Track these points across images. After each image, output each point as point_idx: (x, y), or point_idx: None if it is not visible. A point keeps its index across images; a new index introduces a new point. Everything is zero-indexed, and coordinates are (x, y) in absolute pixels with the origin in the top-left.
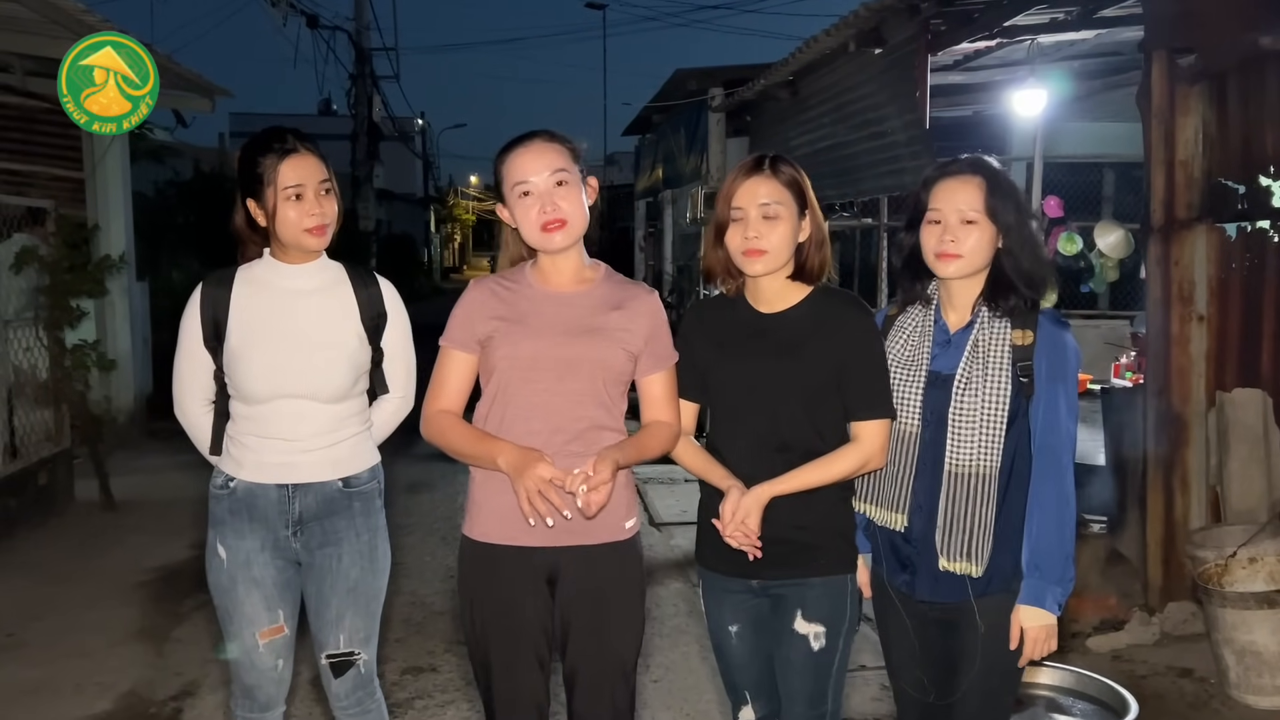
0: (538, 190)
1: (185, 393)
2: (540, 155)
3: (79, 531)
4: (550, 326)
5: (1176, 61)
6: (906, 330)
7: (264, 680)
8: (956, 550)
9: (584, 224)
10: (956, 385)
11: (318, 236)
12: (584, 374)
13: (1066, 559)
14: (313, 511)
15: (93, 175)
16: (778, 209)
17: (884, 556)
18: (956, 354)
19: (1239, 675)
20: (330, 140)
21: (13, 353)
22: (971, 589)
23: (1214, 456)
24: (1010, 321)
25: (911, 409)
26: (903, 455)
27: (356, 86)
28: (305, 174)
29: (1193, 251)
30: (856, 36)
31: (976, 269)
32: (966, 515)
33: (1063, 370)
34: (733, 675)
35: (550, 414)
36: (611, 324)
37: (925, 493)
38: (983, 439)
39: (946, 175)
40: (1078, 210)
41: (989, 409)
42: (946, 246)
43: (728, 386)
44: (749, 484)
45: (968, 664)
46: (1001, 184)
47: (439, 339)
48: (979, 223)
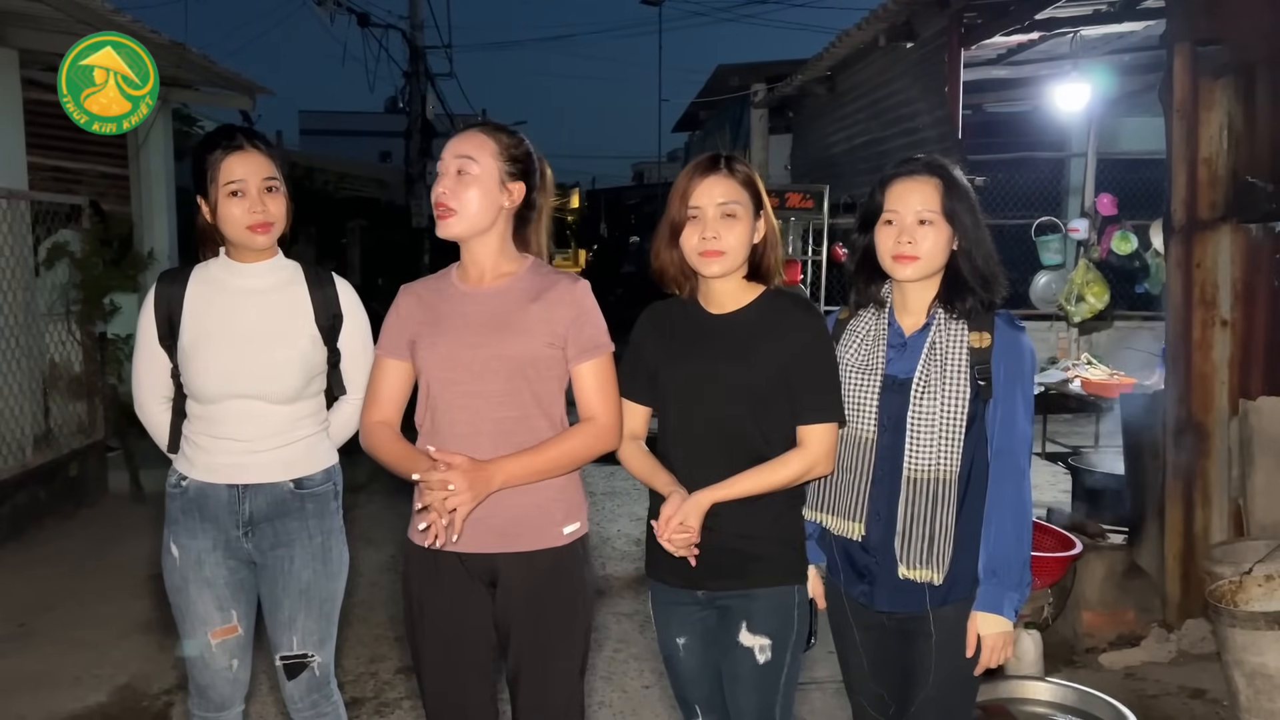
0: (442, 170)
1: (143, 390)
2: (457, 141)
3: (106, 523)
4: (464, 326)
5: (1201, 54)
6: (859, 334)
7: (217, 680)
8: (916, 558)
9: (475, 217)
10: (915, 389)
11: (260, 234)
12: (501, 372)
13: (1024, 564)
14: (263, 512)
15: (135, 172)
16: (735, 208)
17: (840, 567)
18: (913, 358)
19: (1249, 699)
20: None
21: (49, 346)
22: (931, 597)
23: (1236, 468)
24: (967, 324)
25: (867, 415)
26: (859, 462)
27: (410, 84)
28: (247, 171)
29: (1216, 253)
30: (887, 31)
31: (933, 270)
32: (926, 522)
33: (1020, 372)
34: (682, 689)
35: (472, 415)
36: (529, 317)
37: (883, 500)
38: (942, 443)
39: (902, 176)
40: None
41: (948, 413)
42: (904, 248)
43: (674, 388)
44: (693, 489)
45: (924, 674)
46: (958, 185)
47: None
48: (935, 224)
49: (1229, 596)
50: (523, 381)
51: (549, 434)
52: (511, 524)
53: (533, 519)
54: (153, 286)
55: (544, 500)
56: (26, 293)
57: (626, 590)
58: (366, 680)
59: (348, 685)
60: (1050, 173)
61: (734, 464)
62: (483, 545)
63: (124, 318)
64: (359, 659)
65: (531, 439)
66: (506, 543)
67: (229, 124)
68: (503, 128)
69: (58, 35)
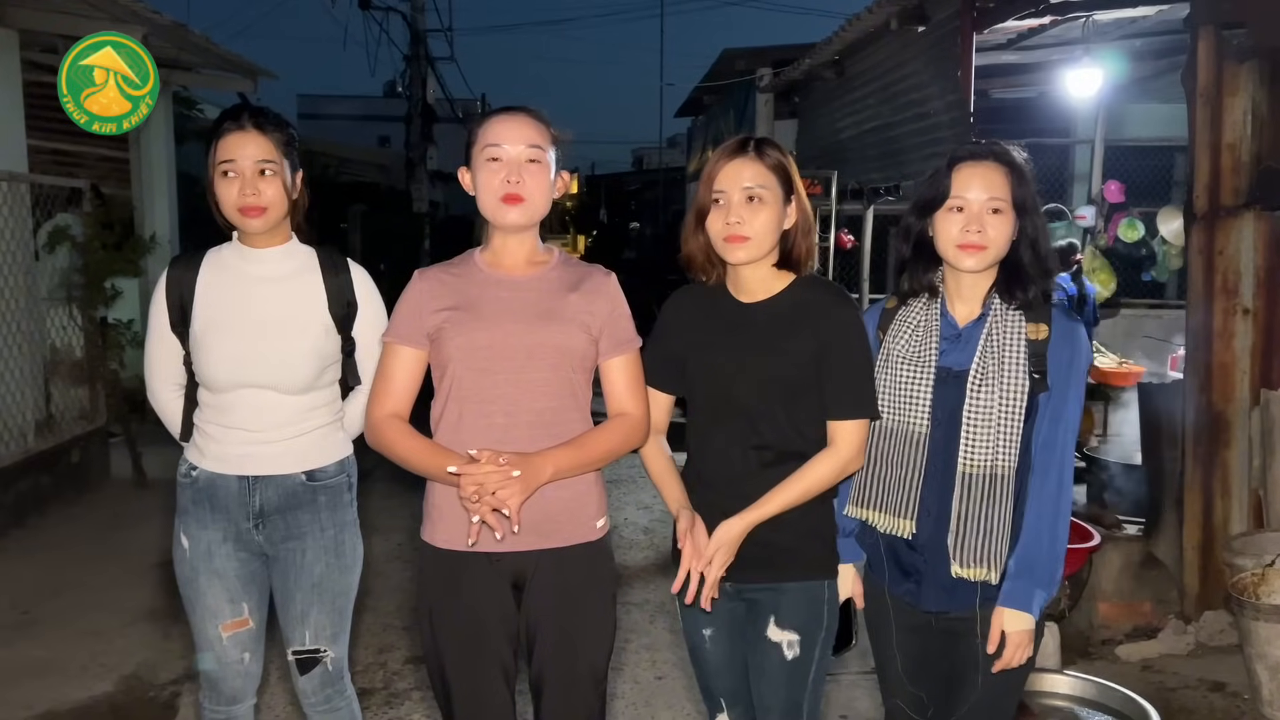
0: (507, 158)
1: (155, 377)
2: (520, 126)
3: (109, 509)
4: (505, 313)
5: (1225, 37)
6: (910, 324)
7: (228, 673)
8: (971, 555)
9: (544, 208)
10: (971, 382)
11: (251, 217)
12: (546, 362)
13: (1057, 560)
14: (274, 504)
15: (136, 155)
16: (761, 193)
17: (884, 564)
18: (968, 349)
19: (1272, 692)
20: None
21: (50, 331)
22: (980, 596)
23: (1257, 458)
24: (1024, 315)
25: (921, 408)
26: (910, 457)
27: (411, 68)
28: (240, 151)
29: (1239, 241)
30: (899, 14)
31: (999, 260)
32: (982, 518)
33: (1076, 365)
34: (708, 681)
35: (510, 406)
36: (570, 306)
37: (935, 497)
38: (999, 438)
39: (971, 160)
40: (1146, 195)
41: (1006, 406)
42: (972, 237)
43: (705, 380)
44: (723, 484)
45: (972, 675)
46: (1024, 173)
47: (382, 335)
48: (1005, 212)
49: (1252, 589)
50: (564, 372)
51: (581, 427)
52: (547, 520)
53: (571, 513)
54: (165, 271)
55: (578, 494)
56: (27, 277)
57: (636, 579)
58: (376, 670)
59: (357, 676)
60: (1056, 159)
61: (763, 454)
62: (516, 543)
63: (125, 302)
64: (368, 649)
65: (567, 432)
66: (541, 539)
67: (242, 103)
68: (537, 111)
69: (58, 15)
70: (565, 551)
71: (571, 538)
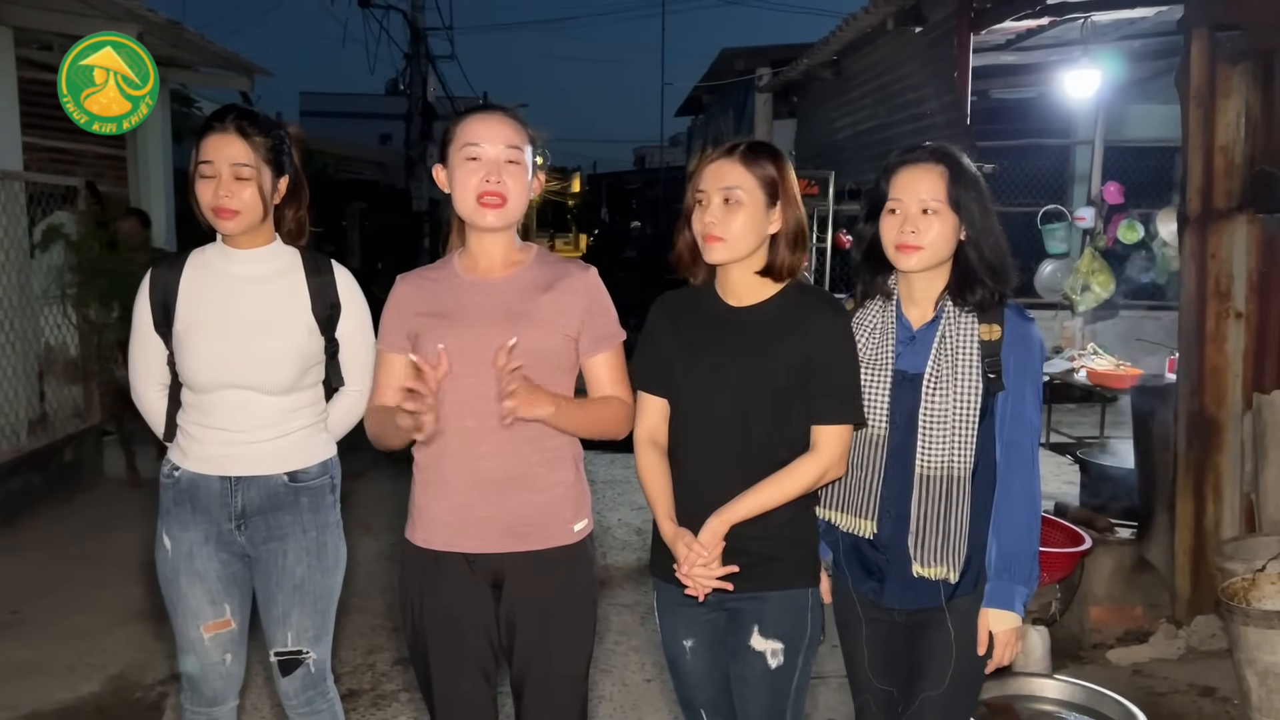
0: (486, 158)
1: (139, 377)
2: (499, 126)
3: (101, 508)
4: (477, 317)
5: (1218, 39)
6: (866, 328)
7: (210, 675)
8: (931, 555)
9: (522, 209)
10: (926, 385)
11: (224, 219)
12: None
13: (1033, 558)
14: (256, 505)
15: (133, 153)
16: (739, 195)
17: (847, 563)
18: (923, 352)
19: (1261, 698)
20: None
21: (43, 329)
22: (944, 593)
23: (1249, 462)
24: (977, 316)
25: (878, 411)
26: (870, 459)
27: (411, 66)
28: (218, 153)
29: (1231, 244)
30: (895, 14)
31: (939, 261)
32: (940, 519)
33: (1030, 365)
34: (688, 694)
35: (483, 409)
36: (543, 307)
37: (895, 497)
38: (954, 439)
39: (907, 164)
40: (1147, 197)
41: (960, 408)
42: (907, 238)
43: (692, 383)
44: (705, 486)
45: (936, 666)
46: (965, 173)
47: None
48: (940, 213)
49: (1242, 594)
50: (541, 373)
51: (559, 431)
52: (521, 523)
53: (544, 517)
54: (148, 271)
55: (554, 498)
56: (21, 275)
57: (627, 581)
58: (364, 672)
59: (345, 677)
60: (1055, 160)
61: (748, 462)
62: (491, 545)
63: None
64: (356, 650)
65: (543, 434)
66: (516, 542)
67: (231, 104)
68: (514, 111)
69: (54, 13)
70: (542, 555)
71: (546, 541)
